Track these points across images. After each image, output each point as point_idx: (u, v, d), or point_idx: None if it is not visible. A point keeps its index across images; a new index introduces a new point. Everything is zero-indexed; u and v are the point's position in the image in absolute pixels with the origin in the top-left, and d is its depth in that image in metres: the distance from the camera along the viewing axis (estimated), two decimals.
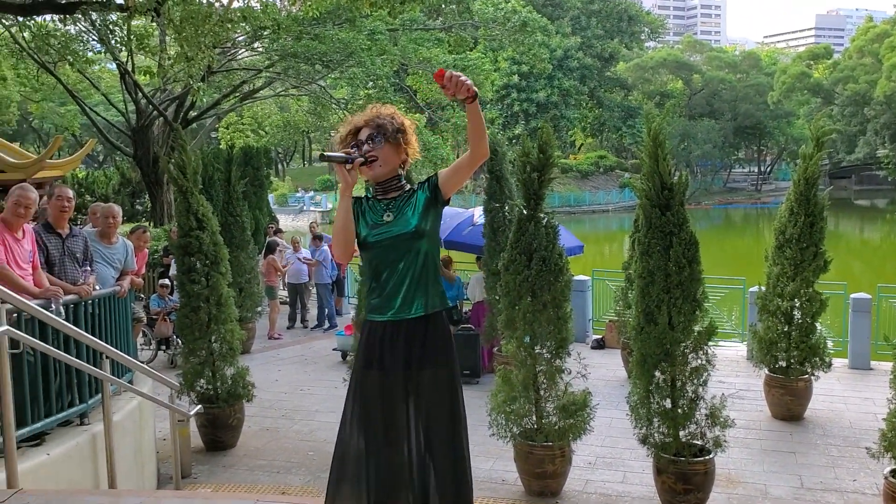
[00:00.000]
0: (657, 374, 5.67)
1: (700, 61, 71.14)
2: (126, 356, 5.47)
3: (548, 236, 6.08)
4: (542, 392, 6.09)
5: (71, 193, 5.75)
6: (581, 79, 63.51)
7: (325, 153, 3.15)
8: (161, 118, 19.06)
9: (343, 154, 3.15)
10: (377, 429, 3.18)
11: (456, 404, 3.25)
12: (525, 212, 6.08)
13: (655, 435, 5.75)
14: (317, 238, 14.29)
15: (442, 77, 2.92)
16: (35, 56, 17.11)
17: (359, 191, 3.43)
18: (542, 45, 28.61)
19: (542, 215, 6.11)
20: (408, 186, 3.36)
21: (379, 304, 3.24)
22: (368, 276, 3.33)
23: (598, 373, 9.97)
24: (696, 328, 5.62)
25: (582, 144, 76.89)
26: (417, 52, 19.84)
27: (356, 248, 3.27)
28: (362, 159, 3.16)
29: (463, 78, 2.90)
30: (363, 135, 3.24)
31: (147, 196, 22.70)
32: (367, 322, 3.32)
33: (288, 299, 14.37)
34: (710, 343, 5.68)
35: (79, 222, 14.04)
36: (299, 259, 13.76)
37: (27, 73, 20.80)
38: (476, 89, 2.96)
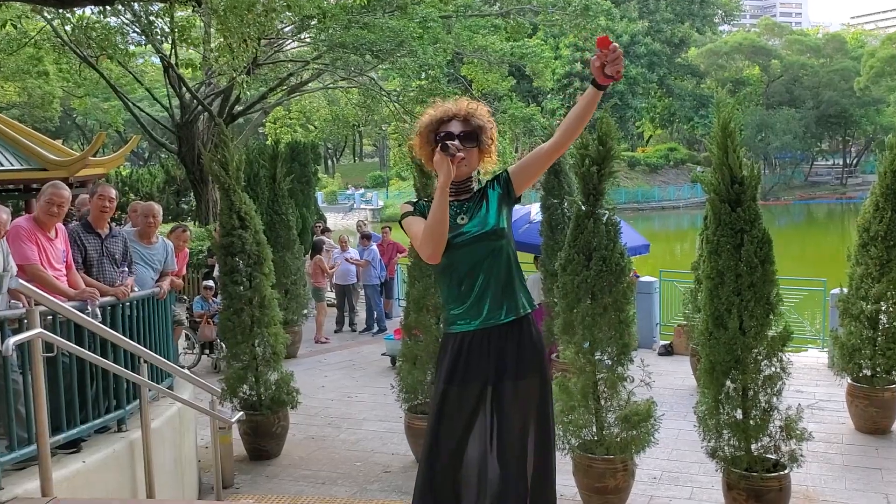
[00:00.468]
0: (727, 382, 5.57)
1: (779, 45, 69.62)
2: (165, 360, 5.58)
3: (608, 234, 5.98)
4: (602, 401, 6.01)
5: (114, 193, 5.88)
6: (649, 66, 62.75)
7: (448, 143, 3.14)
8: (206, 113, 19.43)
9: (456, 146, 3.14)
10: (464, 446, 3.21)
11: (545, 417, 3.26)
12: (584, 208, 6.00)
13: (725, 448, 5.65)
14: (365, 237, 14.39)
15: (607, 44, 2.93)
16: (77, 50, 17.59)
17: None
18: (607, 30, 28.30)
19: (602, 211, 6.03)
20: (476, 186, 3.38)
21: (464, 313, 3.23)
22: (446, 283, 3.31)
23: (666, 381, 9.89)
24: (770, 333, 5.50)
25: (651, 136, 76.00)
26: (472, 40, 19.84)
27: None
28: (463, 156, 3.17)
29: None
30: (454, 127, 3.25)
31: (192, 194, 23.18)
32: (450, 335, 3.29)
33: (335, 301, 14.50)
34: (786, 349, 5.56)
35: (122, 221, 14.38)
36: (347, 260, 13.88)
37: (69, 67, 21.45)
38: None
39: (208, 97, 19.89)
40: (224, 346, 7.73)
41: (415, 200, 3.44)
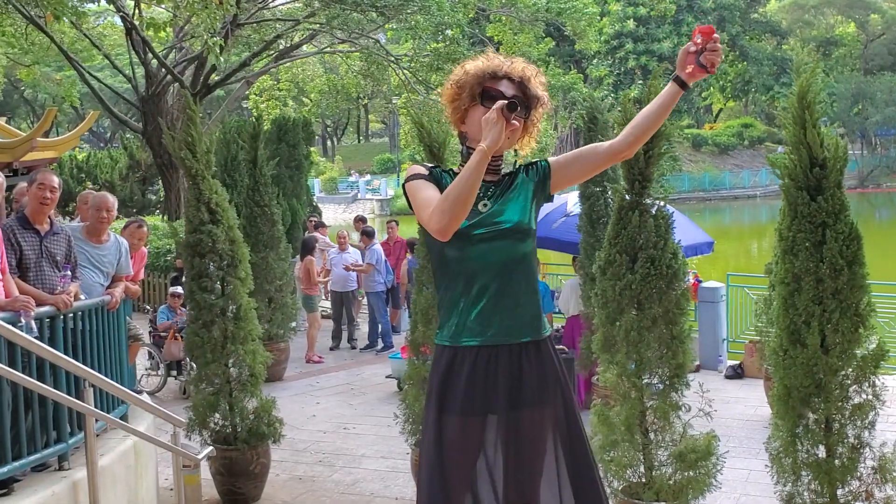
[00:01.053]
0: (806, 412, 5.49)
1: None
2: (116, 384, 5.58)
3: (658, 229, 5.94)
4: (651, 435, 5.98)
5: (56, 181, 5.89)
6: (719, 23, 62.35)
7: (512, 98, 3.16)
8: (176, 84, 19.51)
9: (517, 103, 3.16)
10: (474, 490, 3.22)
11: (581, 442, 3.29)
12: (627, 197, 5.96)
13: (805, 493, 5.56)
14: (366, 235, 14.38)
15: (711, 34, 3.06)
16: (21, 7, 17.71)
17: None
18: None
19: (649, 201, 5.98)
20: (505, 169, 3.39)
21: (471, 323, 3.21)
22: (448, 281, 3.29)
23: (733, 410, 9.84)
24: (859, 351, 5.41)
25: (721, 110, 75.61)
26: None
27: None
28: (516, 124, 3.19)
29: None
30: (505, 87, 3.25)
31: (160, 182, 23.30)
32: (446, 349, 3.26)
33: (331, 312, 14.53)
34: (880, 371, 5.47)
35: (74, 215, 14.46)
36: (346, 267, 13.82)
37: (14, 30, 21.58)
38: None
39: (179, 64, 19.98)
40: (196, 366, 7.74)
41: (431, 165, 3.41)
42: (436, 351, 3.32)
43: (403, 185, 3.32)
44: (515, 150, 3.38)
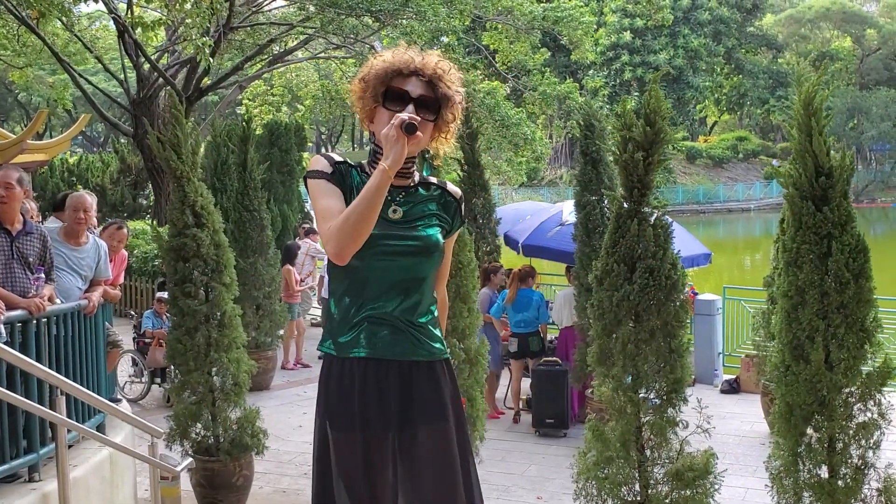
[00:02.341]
0: (809, 430, 5.40)
1: (876, 12, 69.35)
2: (91, 393, 5.40)
3: (657, 239, 5.82)
4: (647, 452, 5.87)
5: (15, 176, 5.67)
6: (714, 36, 62.66)
7: (412, 118, 2.94)
8: (168, 87, 19.35)
9: (413, 117, 2.96)
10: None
11: (468, 472, 3.15)
12: (625, 205, 5.80)
13: None
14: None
15: None
16: (13, 8, 17.54)
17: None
18: None
19: (649, 210, 5.84)
20: (417, 175, 3.23)
21: (361, 335, 3.07)
22: (344, 287, 3.12)
23: (730, 426, 9.76)
24: (865, 368, 5.34)
25: (716, 122, 75.87)
26: (496, 1, 19.71)
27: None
28: (420, 134, 2.98)
29: None
30: (413, 87, 3.05)
31: (151, 186, 23.13)
32: (336, 360, 3.13)
33: (321, 319, 14.38)
34: (886, 389, 5.38)
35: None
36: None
37: (6, 31, 21.43)
38: None
39: (171, 68, 19.81)
40: (178, 373, 7.57)
41: (338, 159, 3.17)
42: (325, 361, 3.18)
43: (305, 180, 3.14)
44: (427, 151, 3.25)
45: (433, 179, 3.26)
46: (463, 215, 3.27)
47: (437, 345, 3.16)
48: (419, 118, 2.97)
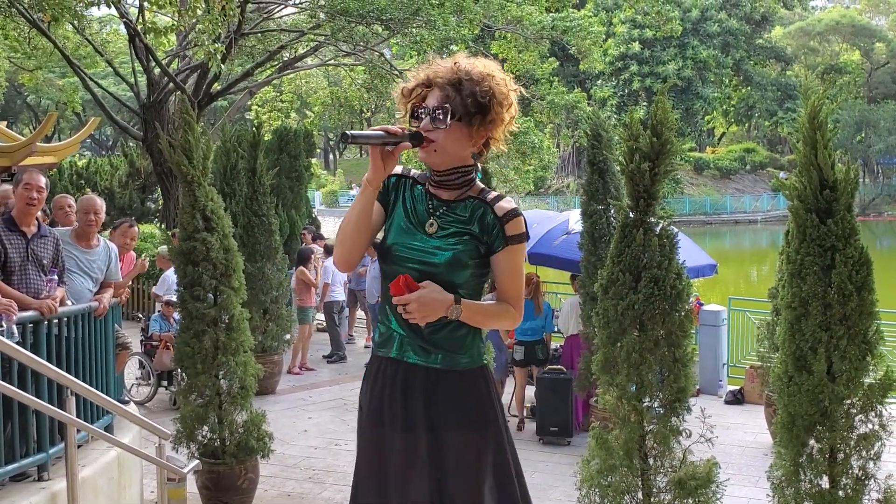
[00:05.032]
0: (810, 441, 5.39)
1: (885, 25, 69.21)
2: (100, 394, 5.44)
3: (662, 249, 5.83)
4: (651, 460, 5.86)
5: (43, 181, 5.78)
6: (723, 47, 62.54)
7: (347, 132, 2.89)
8: (178, 92, 19.41)
9: (380, 133, 2.94)
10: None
11: (509, 475, 3.15)
12: (631, 215, 5.83)
13: None
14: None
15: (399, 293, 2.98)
16: (25, 11, 17.64)
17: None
18: (670, 1, 28.17)
19: (655, 220, 5.86)
20: (478, 187, 3.17)
21: (386, 338, 3.16)
22: (383, 292, 3.20)
23: (733, 436, 9.75)
24: (867, 380, 5.32)
25: (723, 134, 75.72)
26: (505, 10, 19.75)
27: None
28: (409, 145, 2.96)
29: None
30: (431, 99, 3.01)
31: (159, 190, 23.19)
32: (372, 356, 3.24)
33: (325, 323, 14.41)
34: (887, 401, 5.36)
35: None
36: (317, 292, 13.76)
37: (17, 34, 21.52)
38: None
39: (182, 73, 19.88)
40: (185, 376, 7.61)
41: (396, 173, 3.21)
42: (369, 361, 3.30)
43: None
44: (477, 155, 3.14)
45: (491, 195, 3.14)
46: (509, 234, 3.08)
47: (465, 359, 3.13)
48: (400, 130, 2.95)
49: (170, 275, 11.31)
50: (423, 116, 3.00)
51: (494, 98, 3.00)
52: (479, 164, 3.18)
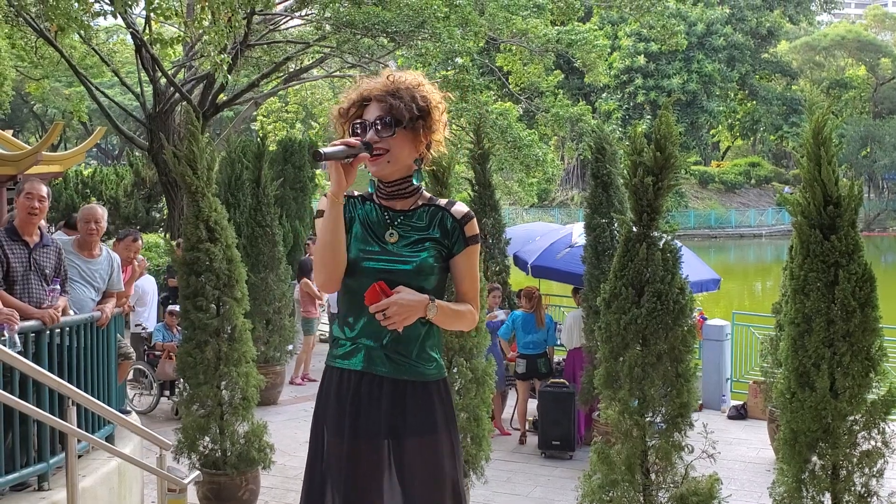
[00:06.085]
0: (813, 457, 5.39)
1: (891, 41, 69.28)
2: (101, 404, 5.43)
3: (665, 263, 5.84)
4: (652, 476, 5.87)
5: (45, 190, 5.79)
6: (729, 61, 62.61)
7: (320, 150, 3.00)
8: (184, 102, 19.46)
9: (343, 148, 3.00)
10: None
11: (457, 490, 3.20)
12: (634, 229, 5.83)
13: None
14: None
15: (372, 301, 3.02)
16: (32, 21, 17.70)
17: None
18: (676, 15, 28.19)
19: (658, 234, 5.87)
20: (426, 195, 3.27)
21: (352, 347, 3.18)
22: (344, 307, 3.23)
23: (735, 452, 9.70)
24: (870, 396, 5.32)
25: (728, 148, 75.72)
26: (510, 23, 19.78)
27: None
28: (367, 153, 3.03)
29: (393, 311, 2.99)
30: (370, 113, 3.10)
31: (164, 200, 23.23)
32: (332, 369, 3.24)
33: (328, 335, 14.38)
34: (890, 418, 5.37)
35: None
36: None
37: (24, 43, 21.59)
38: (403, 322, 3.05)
39: (187, 83, 19.92)
40: (187, 386, 7.60)
41: (351, 194, 3.26)
42: (325, 370, 3.31)
43: (313, 222, 3.26)
44: (418, 161, 3.19)
45: (441, 201, 3.26)
46: (468, 235, 3.21)
47: (432, 369, 3.20)
48: (357, 141, 3.02)
49: (141, 283, 11.37)
50: (368, 130, 3.08)
51: (431, 102, 3.12)
52: (422, 169, 3.24)
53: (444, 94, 3.23)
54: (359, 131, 3.08)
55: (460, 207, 3.25)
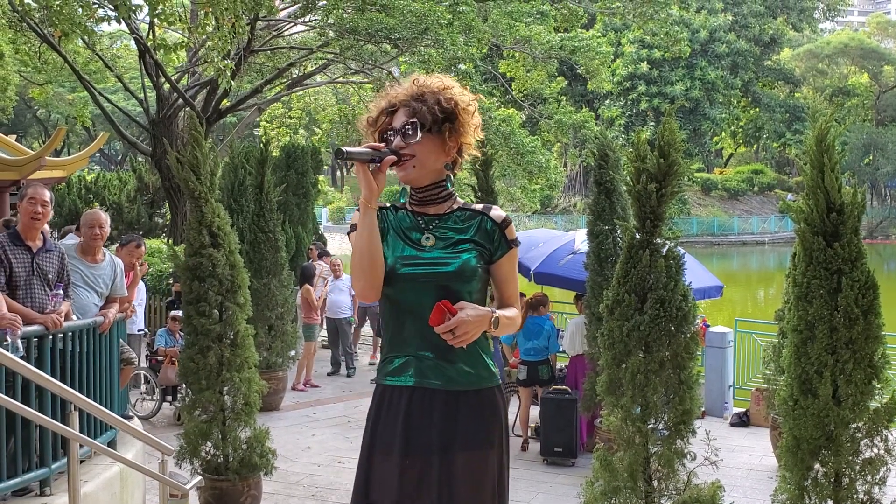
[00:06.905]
0: (815, 465, 5.37)
1: (894, 49, 69.31)
2: (104, 409, 5.43)
3: (669, 270, 5.83)
4: (655, 483, 5.84)
5: (48, 195, 5.78)
6: (732, 68, 62.63)
7: (343, 148, 2.97)
8: (187, 108, 19.48)
9: (367, 150, 2.99)
10: None
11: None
12: (637, 235, 5.83)
13: None
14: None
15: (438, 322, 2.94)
16: (35, 26, 17.74)
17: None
18: (679, 22, 28.21)
19: (661, 241, 5.86)
20: (459, 200, 3.23)
21: (402, 363, 3.10)
22: (388, 320, 3.17)
23: (738, 459, 9.69)
24: (873, 404, 5.31)
25: (731, 155, 75.70)
26: (514, 30, 19.81)
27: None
28: (394, 157, 3.01)
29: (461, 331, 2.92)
30: (398, 120, 3.07)
31: (167, 206, 23.24)
32: (383, 388, 3.16)
33: (328, 339, 14.41)
34: (893, 426, 5.36)
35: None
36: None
37: (28, 48, 21.63)
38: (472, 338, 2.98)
39: (191, 89, 19.95)
40: (190, 392, 7.59)
41: (382, 204, 3.22)
42: (375, 389, 3.23)
43: (349, 236, 3.20)
44: (450, 166, 3.16)
45: (476, 206, 3.22)
46: (509, 238, 3.17)
47: (484, 372, 3.15)
48: (363, 146, 3.00)
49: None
50: (393, 138, 3.05)
51: (458, 104, 3.08)
52: (452, 174, 3.20)
53: (475, 95, 3.19)
54: (392, 138, 3.05)
55: (498, 212, 3.21)
